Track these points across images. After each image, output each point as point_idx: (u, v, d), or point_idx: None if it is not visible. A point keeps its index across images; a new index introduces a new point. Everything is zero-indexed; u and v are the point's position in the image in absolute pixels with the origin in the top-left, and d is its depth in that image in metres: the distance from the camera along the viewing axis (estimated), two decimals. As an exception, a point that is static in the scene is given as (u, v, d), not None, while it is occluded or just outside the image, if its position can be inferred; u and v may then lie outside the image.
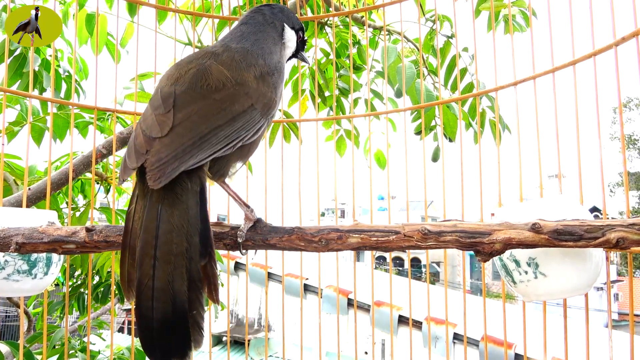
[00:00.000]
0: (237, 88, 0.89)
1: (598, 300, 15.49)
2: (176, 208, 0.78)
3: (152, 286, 0.74)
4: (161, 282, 0.74)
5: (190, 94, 0.87)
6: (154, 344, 0.74)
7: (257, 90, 0.91)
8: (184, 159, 0.79)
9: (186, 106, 0.85)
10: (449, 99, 1.85)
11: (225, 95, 0.88)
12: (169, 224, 0.77)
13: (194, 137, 0.81)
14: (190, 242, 0.77)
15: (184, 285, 0.75)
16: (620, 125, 1.14)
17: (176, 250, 0.76)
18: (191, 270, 0.76)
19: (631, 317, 1.15)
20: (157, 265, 0.75)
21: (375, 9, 1.68)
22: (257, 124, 0.90)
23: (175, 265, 0.75)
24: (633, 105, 22.94)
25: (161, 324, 0.74)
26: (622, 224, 0.85)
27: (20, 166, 1.87)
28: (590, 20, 1.13)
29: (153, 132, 0.82)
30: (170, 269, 0.75)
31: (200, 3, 1.73)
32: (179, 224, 0.77)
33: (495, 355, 3.27)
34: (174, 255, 0.76)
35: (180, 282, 0.74)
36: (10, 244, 0.96)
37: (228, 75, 0.90)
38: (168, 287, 0.74)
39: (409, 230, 0.92)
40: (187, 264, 0.76)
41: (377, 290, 1.52)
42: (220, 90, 0.88)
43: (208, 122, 0.83)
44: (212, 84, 0.88)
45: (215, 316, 2.75)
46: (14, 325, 10.28)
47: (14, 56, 1.79)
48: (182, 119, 0.83)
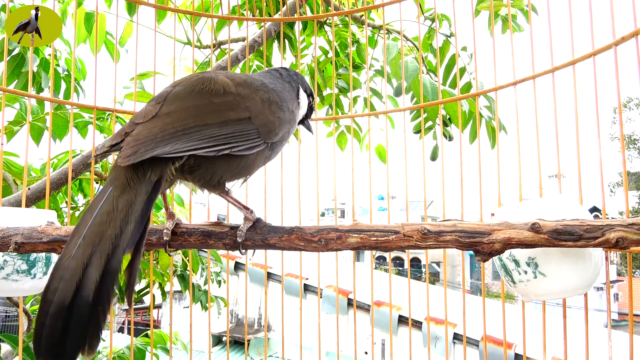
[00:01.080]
0: (238, 99, 0.88)
1: (598, 300, 15.49)
2: (124, 192, 0.75)
3: (67, 265, 0.67)
4: (76, 262, 0.68)
5: (186, 92, 0.87)
6: (42, 335, 0.65)
7: (260, 109, 0.90)
8: (160, 144, 0.77)
9: (178, 101, 0.85)
10: (448, 99, 1.84)
11: (223, 101, 0.87)
12: (110, 205, 0.73)
13: (177, 127, 0.80)
14: (123, 229, 0.71)
15: (97, 273, 0.67)
16: (620, 125, 1.14)
17: (106, 232, 0.71)
18: (112, 259, 0.69)
19: (630, 317, 1.15)
20: (81, 243, 0.69)
21: (375, 8, 1.68)
22: (252, 139, 0.87)
23: (97, 248, 0.69)
24: (633, 105, 22.95)
25: (57, 311, 0.65)
26: (622, 224, 0.84)
27: (17, 164, 1.87)
28: (590, 20, 1.13)
29: (138, 118, 0.82)
30: (91, 249, 0.69)
31: (200, 2, 1.72)
32: (120, 207, 0.73)
33: (495, 355, 3.27)
34: (100, 237, 0.70)
35: (95, 268, 0.67)
36: (10, 244, 0.95)
37: (232, 87, 0.89)
38: (80, 268, 0.67)
39: (409, 230, 0.91)
40: (110, 250, 0.69)
41: (377, 290, 1.52)
42: (219, 95, 0.87)
43: (196, 118, 0.82)
44: (213, 88, 0.87)
45: (218, 313, 2.75)
46: (14, 325, 10.28)
47: (12, 56, 1.79)
48: (171, 110, 0.83)
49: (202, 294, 2.49)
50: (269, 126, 0.91)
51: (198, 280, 2.69)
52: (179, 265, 2.42)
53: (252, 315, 6.53)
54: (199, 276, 2.69)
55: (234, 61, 2.01)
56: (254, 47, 2.04)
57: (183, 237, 0.95)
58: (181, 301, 6.53)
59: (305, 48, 2.37)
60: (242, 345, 6.25)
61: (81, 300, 0.66)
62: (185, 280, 2.38)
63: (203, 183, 0.89)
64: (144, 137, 0.77)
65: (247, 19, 1.69)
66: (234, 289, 6.46)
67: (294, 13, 1.88)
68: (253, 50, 2.07)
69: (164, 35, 2.03)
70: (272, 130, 0.91)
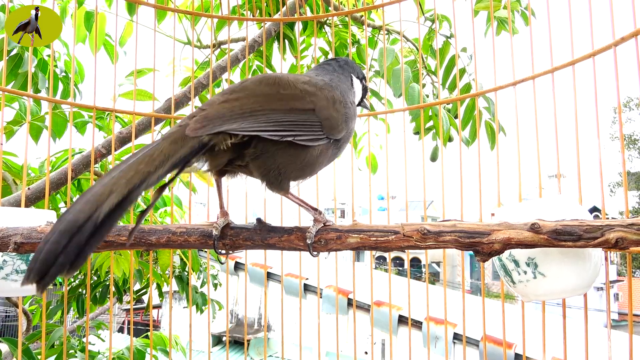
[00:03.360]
0: (304, 93, 0.91)
1: (598, 300, 15.50)
2: (171, 142, 0.78)
3: (95, 191, 0.70)
4: (103, 189, 0.70)
5: (255, 83, 0.91)
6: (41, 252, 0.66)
7: (324, 105, 0.92)
8: (228, 122, 0.81)
9: (247, 90, 0.89)
10: (447, 99, 1.84)
11: (289, 93, 0.90)
12: (153, 150, 0.77)
13: (245, 109, 0.84)
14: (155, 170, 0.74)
15: (116, 200, 0.69)
16: (619, 125, 1.14)
17: (139, 169, 0.73)
18: (134, 191, 0.71)
19: (630, 317, 1.15)
20: (116, 176, 0.72)
21: (375, 8, 1.68)
22: (315, 131, 0.89)
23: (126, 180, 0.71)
24: (633, 105, 22.95)
25: (66, 229, 0.66)
26: (621, 224, 0.84)
27: (16, 164, 1.87)
28: (590, 20, 1.13)
29: (205, 105, 0.86)
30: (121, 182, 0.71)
31: (200, 2, 1.72)
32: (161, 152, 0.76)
33: (495, 355, 3.27)
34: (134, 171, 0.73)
35: (116, 196, 0.69)
36: (9, 244, 0.96)
37: (299, 83, 0.93)
38: (105, 195, 0.69)
39: (408, 230, 0.91)
40: (137, 184, 0.71)
41: (377, 290, 1.52)
42: (286, 88, 0.91)
43: (263, 103, 0.86)
44: (281, 82, 0.91)
45: (213, 316, 2.75)
46: (14, 325, 10.28)
47: (10, 56, 1.79)
48: (239, 96, 0.87)
49: (199, 296, 2.49)
50: (332, 121, 0.92)
51: (196, 282, 2.70)
52: (177, 265, 2.42)
53: (252, 315, 6.53)
54: (197, 278, 2.69)
55: (234, 61, 2.01)
56: (254, 47, 2.04)
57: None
58: (181, 301, 6.54)
59: (305, 49, 2.37)
60: (242, 345, 6.25)
61: (89, 222, 0.67)
62: (184, 281, 2.38)
63: (267, 181, 0.91)
64: (212, 115, 0.82)
65: (247, 19, 1.69)
66: (233, 289, 6.46)
67: (294, 13, 1.88)
68: (253, 51, 2.07)
69: (164, 35, 2.03)
70: (335, 127, 0.93)
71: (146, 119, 1.80)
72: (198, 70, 2.16)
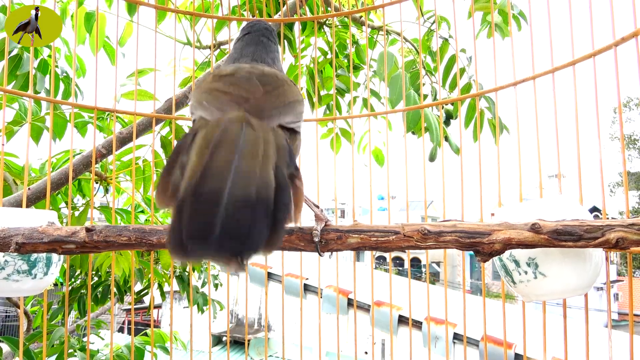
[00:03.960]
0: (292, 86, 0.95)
1: (598, 300, 15.50)
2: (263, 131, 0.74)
3: (236, 169, 0.61)
4: (250, 167, 0.62)
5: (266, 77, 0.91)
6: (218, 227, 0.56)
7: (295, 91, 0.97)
8: (283, 113, 0.83)
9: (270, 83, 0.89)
10: (447, 99, 1.85)
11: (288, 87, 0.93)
12: (253, 135, 0.71)
13: (285, 101, 0.86)
14: (279, 158, 0.68)
15: (274, 183, 0.62)
16: (620, 125, 1.14)
17: (264, 153, 0.67)
18: (278, 174, 0.65)
19: (630, 317, 1.15)
20: (239, 157, 0.63)
21: (375, 9, 1.68)
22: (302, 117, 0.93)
23: (263, 161, 0.65)
24: (633, 105, 22.95)
25: (238, 204, 0.57)
26: (622, 224, 0.84)
27: (17, 165, 1.87)
28: (590, 20, 1.13)
29: (244, 93, 0.83)
30: (257, 163, 0.64)
31: (199, 3, 1.72)
32: (265, 139, 0.71)
33: (495, 355, 3.27)
34: (265, 156, 0.66)
35: (270, 178, 0.62)
36: (10, 244, 0.96)
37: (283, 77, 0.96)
38: (255, 173, 0.61)
39: (409, 231, 0.91)
40: (275, 169, 0.65)
41: (377, 290, 1.52)
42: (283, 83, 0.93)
43: (287, 95, 0.88)
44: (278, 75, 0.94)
45: (214, 316, 2.75)
46: (14, 325, 10.28)
47: (10, 57, 1.79)
48: (268, 90, 0.87)
49: (200, 296, 2.49)
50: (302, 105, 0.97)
51: (196, 282, 2.70)
52: (178, 265, 2.42)
53: (252, 315, 6.53)
54: (197, 278, 2.69)
55: (234, 61, 2.00)
56: (254, 48, 2.03)
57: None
58: (181, 301, 6.54)
59: (305, 49, 2.37)
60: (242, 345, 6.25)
61: (265, 198, 0.60)
62: (184, 281, 2.38)
63: None
64: (267, 106, 0.82)
65: (247, 20, 1.69)
66: (234, 289, 6.46)
67: (294, 14, 1.89)
68: (253, 51, 2.07)
69: (164, 36, 2.03)
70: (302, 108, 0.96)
71: (146, 119, 1.80)
72: (198, 71, 2.17)
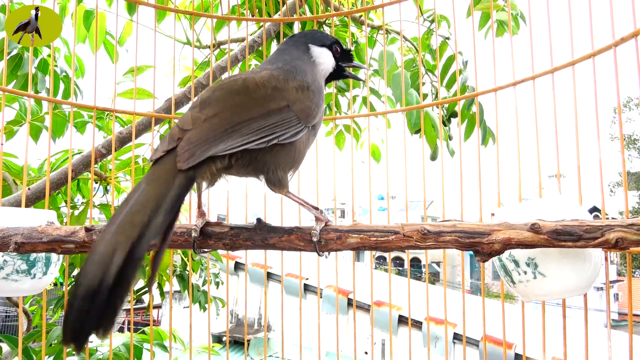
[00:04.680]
0: (275, 91, 0.93)
1: (598, 300, 15.50)
2: (158, 186, 0.78)
3: (99, 250, 0.70)
4: (105, 247, 0.70)
5: (226, 93, 0.91)
6: (69, 318, 0.67)
7: (295, 96, 0.94)
8: (214, 143, 0.81)
9: (221, 102, 0.89)
10: (446, 99, 1.85)
11: (261, 95, 0.91)
12: (144, 197, 0.76)
13: (226, 126, 0.84)
14: (151, 219, 0.73)
15: (121, 258, 0.69)
16: (619, 126, 1.14)
17: (135, 221, 0.73)
18: (137, 247, 0.71)
19: (630, 317, 1.15)
20: (114, 230, 0.72)
21: (374, 9, 1.68)
22: (294, 125, 0.91)
23: (125, 235, 0.71)
24: (633, 105, 22.95)
25: (85, 295, 0.67)
26: (621, 224, 0.84)
27: (16, 165, 1.87)
28: (590, 20, 1.13)
29: (186, 125, 0.86)
30: (120, 236, 0.71)
31: (199, 2, 1.72)
32: (152, 199, 0.76)
33: (495, 355, 3.27)
34: (130, 225, 0.72)
35: (120, 254, 0.69)
36: (10, 244, 0.96)
37: (266, 83, 0.94)
38: (109, 254, 0.69)
39: (408, 231, 0.91)
40: (136, 238, 0.71)
41: (377, 290, 1.52)
42: (256, 90, 0.92)
43: (241, 114, 0.87)
44: (250, 86, 0.92)
45: (217, 313, 2.75)
46: (14, 325, 10.28)
47: (10, 57, 1.79)
48: (216, 111, 0.87)
49: (201, 295, 2.49)
50: (307, 111, 0.94)
51: (197, 281, 2.69)
52: (178, 265, 2.42)
53: (252, 315, 6.53)
54: (198, 276, 2.69)
55: (234, 61, 2.01)
56: (253, 47, 2.04)
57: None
58: (181, 301, 6.53)
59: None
60: (242, 345, 6.25)
61: (104, 285, 0.68)
62: (185, 280, 2.38)
63: (266, 180, 0.93)
64: (196, 140, 0.82)
65: (246, 19, 1.69)
66: (234, 289, 6.45)
67: (294, 13, 1.88)
68: (253, 51, 2.07)
69: (164, 35, 2.03)
70: (310, 114, 0.95)
71: (146, 119, 1.80)
72: (198, 70, 2.17)
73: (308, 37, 1.11)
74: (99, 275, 0.68)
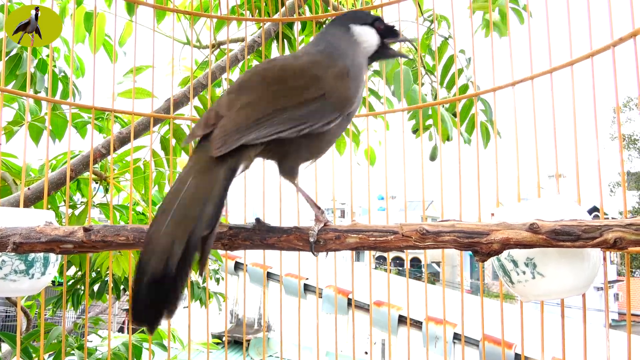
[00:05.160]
0: (312, 80, 0.92)
1: (598, 300, 15.50)
2: (205, 177, 0.81)
3: (158, 242, 0.75)
4: (165, 239, 0.75)
5: (263, 81, 0.92)
6: (137, 302, 0.74)
7: (333, 84, 0.93)
8: (247, 132, 0.83)
9: (257, 90, 0.90)
10: (445, 99, 1.85)
11: (297, 84, 0.91)
12: (194, 189, 0.79)
13: (259, 115, 0.85)
14: (203, 210, 0.77)
15: (180, 249, 0.74)
16: (618, 126, 1.14)
17: (189, 213, 0.77)
18: (192, 236, 0.75)
19: (628, 317, 1.15)
20: (169, 222, 0.76)
21: (374, 9, 1.68)
22: (329, 114, 0.91)
23: (182, 227, 0.75)
24: (633, 105, 22.94)
25: (150, 282, 0.73)
26: (620, 224, 0.84)
27: (16, 165, 1.87)
28: (588, 20, 1.13)
29: (222, 109, 0.87)
30: (177, 228, 0.75)
31: (199, 2, 1.72)
32: (202, 190, 0.79)
33: (494, 355, 3.27)
34: (184, 217, 0.76)
35: (178, 245, 0.74)
36: (8, 244, 0.95)
37: (304, 69, 0.94)
38: (169, 245, 0.74)
39: (407, 230, 0.91)
40: (192, 229, 0.75)
41: (377, 290, 1.52)
42: (293, 79, 0.92)
43: (275, 103, 0.87)
44: (287, 74, 0.93)
45: (219, 309, 2.74)
46: (14, 325, 10.28)
47: (9, 57, 1.79)
48: (251, 100, 0.88)
49: (201, 291, 2.49)
50: (343, 100, 0.94)
51: (197, 278, 2.69)
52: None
53: (251, 315, 6.53)
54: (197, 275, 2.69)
55: (233, 61, 2.01)
56: (253, 47, 2.04)
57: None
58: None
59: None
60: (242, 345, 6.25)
61: (168, 274, 0.73)
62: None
63: (280, 168, 0.95)
64: (229, 128, 0.83)
65: (246, 19, 1.69)
66: (233, 289, 6.45)
67: (293, 13, 1.88)
68: (252, 51, 2.07)
69: (163, 35, 2.03)
70: (346, 104, 0.94)
71: (145, 119, 1.80)
72: (197, 70, 2.16)
73: (349, 17, 1.09)
74: (162, 265, 0.73)
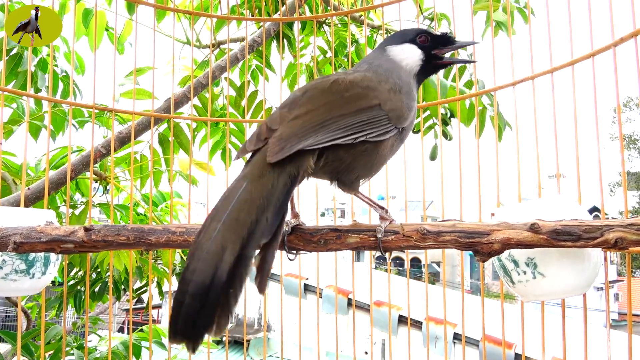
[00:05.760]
0: (366, 90, 0.93)
1: (599, 300, 15.50)
2: (263, 184, 0.78)
3: (207, 248, 0.70)
4: (215, 246, 0.70)
5: (318, 93, 0.92)
6: (179, 314, 0.67)
7: (387, 96, 0.93)
8: (303, 139, 0.82)
9: (312, 101, 0.90)
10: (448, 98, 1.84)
11: (353, 94, 0.91)
12: (248, 195, 0.77)
13: (315, 122, 0.85)
14: (259, 218, 0.74)
15: (232, 257, 0.69)
16: (619, 125, 1.14)
17: (243, 220, 0.73)
18: (247, 245, 0.71)
19: (629, 317, 1.15)
20: (220, 228, 0.72)
21: (374, 8, 1.68)
22: (384, 125, 0.90)
23: (234, 234, 0.71)
24: (633, 105, 22.94)
25: (196, 291, 0.67)
26: (621, 224, 0.84)
27: (15, 164, 1.86)
28: (589, 20, 1.13)
29: (274, 124, 0.87)
30: (229, 235, 0.71)
31: (199, 2, 1.72)
32: (258, 197, 0.76)
33: (495, 355, 3.27)
34: (238, 224, 0.72)
35: (230, 253, 0.70)
36: (8, 244, 0.96)
37: (358, 81, 0.94)
38: (219, 252, 0.69)
39: (408, 230, 0.91)
40: (246, 237, 0.71)
41: (377, 290, 1.51)
42: (348, 89, 0.92)
43: (331, 111, 0.87)
44: (342, 85, 0.92)
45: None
46: (15, 324, 10.28)
47: (10, 56, 1.78)
48: (307, 110, 0.88)
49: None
50: (398, 111, 0.93)
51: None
52: (178, 264, 2.42)
53: (252, 315, 6.53)
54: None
55: (233, 61, 2.01)
56: (253, 47, 2.03)
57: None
58: (181, 301, 6.53)
59: (304, 48, 2.37)
60: (242, 345, 6.25)
61: (217, 283, 0.68)
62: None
63: (338, 181, 0.93)
64: (286, 135, 0.83)
65: (246, 19, 1.69)
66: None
67: (293, 13, 1.88)
68: (252, 50, 2.07)
69: (164, 35, 2.03)
70: (401, 116, 0.94)
71: (145, 118, 1.80)
72: (197, 70, 2.16)
73: (386, 40, 1.09)
74: (211, 272, 0.68)
